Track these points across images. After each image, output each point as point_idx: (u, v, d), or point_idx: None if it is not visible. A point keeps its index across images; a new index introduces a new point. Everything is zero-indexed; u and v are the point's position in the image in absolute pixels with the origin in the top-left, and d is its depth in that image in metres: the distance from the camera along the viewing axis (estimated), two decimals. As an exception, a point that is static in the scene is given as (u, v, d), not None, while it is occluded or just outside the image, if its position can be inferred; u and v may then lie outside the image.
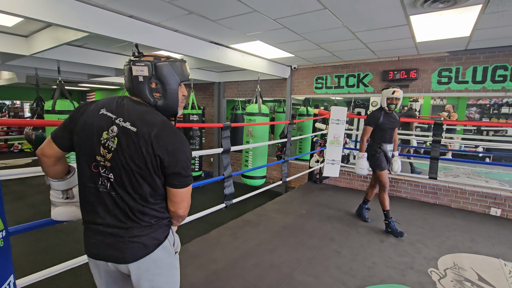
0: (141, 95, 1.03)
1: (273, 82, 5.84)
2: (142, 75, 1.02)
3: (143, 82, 1.02)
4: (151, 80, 1.02)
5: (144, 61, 1.02)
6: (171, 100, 1.07)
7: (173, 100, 1.07)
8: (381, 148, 3.02)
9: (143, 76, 1.02)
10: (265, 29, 3.04)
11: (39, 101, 5.24)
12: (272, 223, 3.23)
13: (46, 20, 2.15)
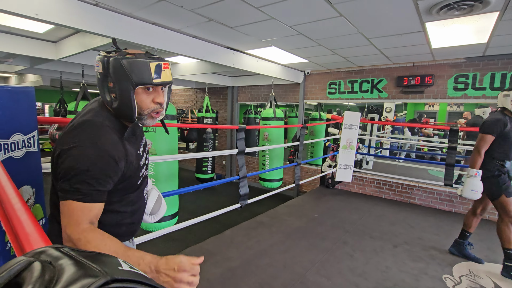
0: (100, 94, 0.90)
1: (286, 87, 5.92)
2: (98, 71, 0.88)
3: (100, 80, 0.88)
4: (107, 78, 0.86)
5: (101, 56, 0.87)
6: (124, 104, 0.86)
7: (125, 104, 0.86)
8: (505, 166, 2.31)
9: (99, 72, 0.88)
10: (281, 36, 3.12)
11: (62, 103, 5.49)
12: (285, 225, 3.27)
13: (78, 27, 2.31)
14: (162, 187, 2.70)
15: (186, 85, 7.25)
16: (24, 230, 0.41)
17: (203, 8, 2.41)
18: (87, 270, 0.27)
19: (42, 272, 0.27)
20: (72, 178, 0.77)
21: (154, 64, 0.88)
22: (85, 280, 0.26)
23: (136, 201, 1.01)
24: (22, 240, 0.40)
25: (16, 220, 0.43)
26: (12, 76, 6.80)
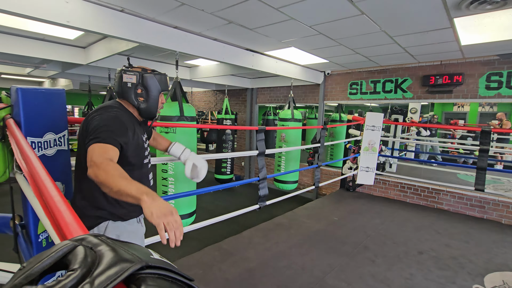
0: (128, 98, 1.25)
1: (306, 88, 5.86)
2: (130, 82, 1.24)
3: (131, 88, 1.24)
4: (138, 87, 1.24)
5: (134, 71, 1.24)
6: (152, 104, 1.27)
7: (153, 104, 1.28)
8: None
9: (132, 83, 1.24)
10: (300, 36, 3.10)
11: (90, 105, 5.78)
12: (304, 227, 3.23)
13: (106, 33, 2.43)
14: (180, 187, 2.76)
15: (206, 87, 7.38)
16: (64, 219, 0.46)
17: (223, 11, 2.45)
18: (123, 255, 0.30)
19: (85, 255, 0.30)
20: (95, 131, 1.06)
21: (167, 77, 1.34)
22: (123, 264, 0.29)
23: (140, 179, 1.26)
24: (63, 228, 0.44)
25: (56, 210, 0.48)
26: (45, 80, 7.25)
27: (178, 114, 2.80)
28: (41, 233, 1.17)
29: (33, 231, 1.15)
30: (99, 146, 1.01)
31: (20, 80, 7.30)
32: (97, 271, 0.28)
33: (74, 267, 0.29)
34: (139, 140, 1.24)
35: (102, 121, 1.09)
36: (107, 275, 0.28)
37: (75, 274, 0.28)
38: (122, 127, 1.13)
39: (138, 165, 1.25)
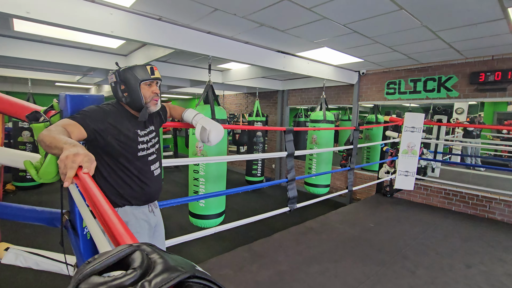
0: (117, 96, 1.34)
1: (339, 89, 5.68)
2: (112, 81, 1.33)
3: (114, 87, 1.33)
4: (120, 83, 1.32)
5: (114, 71, 1.34)
6: (135, 96, 1.32)
7: (136, 95, 1.32)
8: None
9: (114, 81, 1.33)
10: (333, 35, 3.02)
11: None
12: (336, 233, 3.12)
13: (145, 40, 2.57)
14: (210, 187, 2.81)
15: (237, 90, 7.50)
16: (116, 229, 0.52)
17: (255, 14, 2.47)
18: (173, 264, 0.34)
19: (143, 259, 0.35)
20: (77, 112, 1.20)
21: (149, 67, 1.34)
22: (174, 271, 0.33)
23: (141, 168, 1.36)
24: (116, 236, 0.51)
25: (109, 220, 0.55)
26: (92, 87, 7.90)
27: (209, 117, 2.87)
28: (85, 227, 1.27)
29: (79, 225, 1.25)
30: (65, 119, 1.14)
31: (70, 87, 8.04)
32: (152, 274, 0.32)
33: (134, 267, 0.33)
34: (129, 133, 1.32)
35: (86, 108, 1.24)
36: (161, 278, 0.31)
37: (135, 272, 0.32)
38: (100, 115, 1.23)
39: (131, 157, 1.33)
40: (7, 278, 2.63)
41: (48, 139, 0.91)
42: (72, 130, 1.09)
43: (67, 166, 0.74)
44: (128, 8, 2.38)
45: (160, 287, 0.30)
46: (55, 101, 1.38)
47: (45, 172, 1.17)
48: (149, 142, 1.42)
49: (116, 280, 0.31)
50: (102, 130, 1.21)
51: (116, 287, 0.30)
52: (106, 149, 1.26)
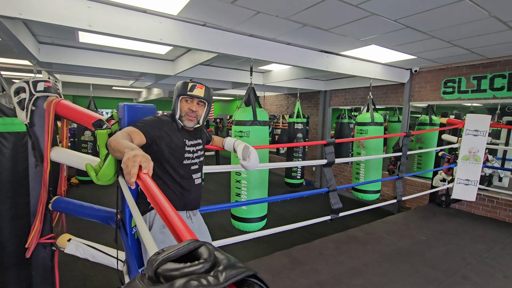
0: None
1: (387, 88, 5.30)
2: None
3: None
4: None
5: None
6: (173, 107, 1.47)
7: (174, 107, 1.46)
8: None
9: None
10: (382, 32, 2.81)
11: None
12: (383, 244, 2.90)
13: (190, 46, 2.68)
14: (252, 193, 2.82)
15: (278, 91, 7.46)
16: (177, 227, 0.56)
17: (297, 14, 2.41)
18: (237, 262, 0.37)
19: (210, 253, 0.37)
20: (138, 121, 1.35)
21: (191, 84, 1.43)
22: (241, 269, 0.35)
23: (184, 175, 1.46)
24: (179, 233, 0.54)
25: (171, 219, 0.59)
26: (143, 90, 8.54)
27: (251, 118, 2.88)
28: (133, 227, 1.35)
29: (128, 224, 1.33)
30: (129, 127, 1.29)
31: (125, 91, 8.78)
32: (221, 267, 0.35)
33: (204, 258, 0.36)
34: (179, 141, 1.44)
35: (146, 118, 1.39)
36: (230, 272, 0.34)
37: (207, 263, 0.35)
38: (157, 124, 1.37)
39: (176, 163, 1.44)
40: (71, 262, 2.95)
41: (113, 144, 1.04)
42: (135, 136, 1.23)
43: (129, 166, 0.83)
44: (175, 16, 2.49)
45: (231, 279, 0.33)
46: (115, 111, 1.49)
47: (103, 174, 1.26)
48: (195, 153, 1.53)
49: (191, 267, 0.34)
50: (158, 137, 1.35)
51: (191, 273, 0.33)
52: (157, 155, 1.37)
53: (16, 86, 1.38)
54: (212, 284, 0.32)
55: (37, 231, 1.45)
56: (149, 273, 0.36)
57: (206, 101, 1.48)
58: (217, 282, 0.32)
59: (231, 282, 0.33)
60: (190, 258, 0.37)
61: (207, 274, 0.33)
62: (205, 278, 0.32)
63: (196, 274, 0.33)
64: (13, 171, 1.63)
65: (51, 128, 1.41)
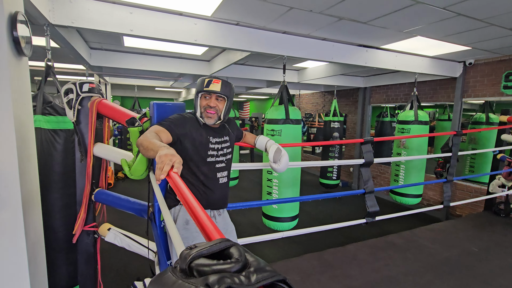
0: None
1: (435, 84, 4.85)
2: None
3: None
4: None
5: None
6: (194, 104, 1.47)
7: (194, 106, 1.47)
8: None
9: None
10: (429, 22, 2.56)
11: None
12: (425, 253, 2.66)
13: (225, 46, 2.72)
14: (284, 191, 2.77)
15: (314, 89, 7.26)
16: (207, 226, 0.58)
17: (332, 8, 2.30)
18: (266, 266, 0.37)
19: (241, 253, 0.38)
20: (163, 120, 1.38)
21: (207, 80, 1.42)
22: (271, 272, 0.35)
23: (207, 174, 1.45)
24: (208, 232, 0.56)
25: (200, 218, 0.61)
26: (182, 90, 8.94)
27: (284, 117, 2.84)
28: (162, 220, 1.41)
29: (157, 217, 1.40)
30: (155, 126, 1.32)
31: (166, 91, 9.28)
32: (252, 268, 0.35)
33: (236, 258, 0.37)
34: (202, 138, 1.43)
35: (172, 116, 1.40)
36: (262, 274, 0.34)
37: (239, 263, 0.36)
38: (182, 122, 1.39)
39: (199, 160, 1.43)
40: (113, 250, 3.21)
41: (145, 143, 1.09)
42: (162, 135, 1.27)
43: (164, 162, 0.87)
44: (209, 17, 2.55)
45: (262, 281, 0.33)
46: (147, 110, 1.57)
47: (135, 170, 1.34)
48: (220, 151, 1.50)
49: (224, 265, 0.35)
50: (182, 134, 1.36)
51: (224, 270, 0.34)
52: (181, 152, 1.37)
53: (66, 88, 1.53)
54: (244, 283, 0.33)
55: (82, 220, 1.59)
56: (183, 266, 0.37)
57: (225, 96, 1.42)
58: (248, 282, 0.33)
59: (262, 285, 0.33)
60: (220, 257, 0.38)
61: (238, 274, 0.34)
62: (237, 277, 0.33)
63: (228, 273, 0.34)
64: (64, 164, 1.81)
65: (94, 125, 1.53)
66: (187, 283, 0.34)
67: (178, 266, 0.38)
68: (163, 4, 2.27)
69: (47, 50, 1.94)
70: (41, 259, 1.51)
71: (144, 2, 2.21)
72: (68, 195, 1.75)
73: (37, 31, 2.25)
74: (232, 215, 4.84)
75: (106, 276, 2.79)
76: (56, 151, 1.81)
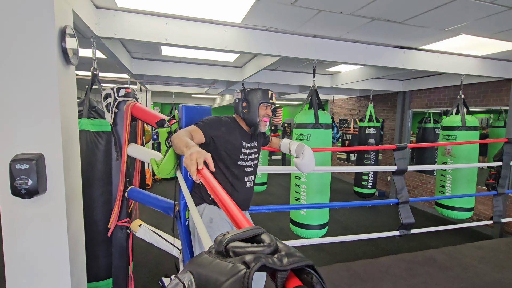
0: (237, 111, 1.59)
1: (486, 86, 4.41)
2: (238, 97, 1.59)
3: (238, 102, 1.58)
4: (242, 101, 1.56)
5: (240, 89, 1.59)
6: (252, 114, 1.54)
7: (253, 114, 1.54)
8: None
9: (238, 98, 1.59)
10: (475, 18, 2.35)
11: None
12: (472, 272, 2.39)
13: (255, 51, 2.77)
14: (312, 197, 2.70)
15: (349, 93, 7.03)
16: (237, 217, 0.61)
17: (363, 9, 2.23)
18: (296, 252, 0.38)
19: (272, 239, 0.40)
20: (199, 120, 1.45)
21: (270, 92, 1.58)
22: (301, 257, 0.37)
23: (237, 175, 1.53)
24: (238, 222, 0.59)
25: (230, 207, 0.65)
26: (217, 97, 9.23)
27: (313, 121, 2.79)
28: (187, 218, 1.46)
29: (183, 216, 1.45)
30: (192, 126, 1.40)
31: (202, 98, 9.66)
32: (283, 252, 0.38)
33: (268, 242, 0.39)
34: (235, 143, 1.51)
35: (208, 118, 1.48)
36: (292, 258, 0.36)
37: (270, 247, 0.38)
38: (217, 124, 1.47)
39: (230, 163, 1.51)
40: (148, 247, 3.39)
41: (177, 140, 1.16)
42: (195, 135, 1.35)
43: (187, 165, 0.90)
44: (239, 24, 2.62)
45: (293, 264, 0.35)
46: (176, 112, 1.66)
47: (163, 168, 1.41)
48: (250, 156, 1.59)
49: (258, 247, 0.37)
50: (216, 136, 1.44)
51: (258, 252, 0.36)
52: (213, 153, 1.46)
53: (105, 93, 1.68)
54: (277, 264, 0.35)
55: (116, 215, 1.71)
56: (219, 248, 0.40)
57: None
58: (281, 264, 0.35)
59: (292, 268, 0.36)
60: (254, 243, 0.41)
61: (272, 256, 0.36)
62: (271, 258, 0.35)
63: (263, 254, 0.36)
64: (105, 164, 1.97)
65: (128, 127, 1.65)
66: (225, 261, 0.36)
67: (214, 250, 0.41)
68: (195, 14, 2.39)
69: (93, 60, 2.15)
70: (81, 248, 1.65)
71: (178, 12, 2.35)
72: (109, 192, 1.90)
73: (86, 43, 2.51)
74: (261, 219, 4.86)
75: (139, 271, 2.95)
76: (99, 151, 1.98)
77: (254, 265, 0.33)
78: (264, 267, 0.34)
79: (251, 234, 0.42)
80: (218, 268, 0.36)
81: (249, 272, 0.33)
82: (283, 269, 0.35)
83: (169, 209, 1.54)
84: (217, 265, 0.36)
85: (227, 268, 0.35)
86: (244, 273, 0.33)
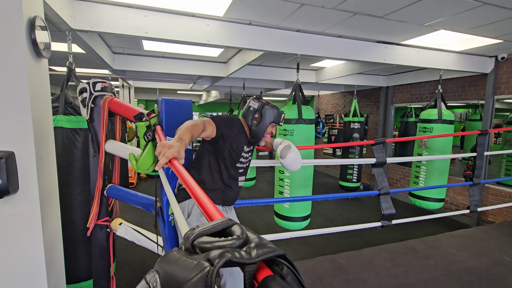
0: (246, 118, 1.61)
1: (464, 81, 4.56)
2: (253, 107, 1.60)
3: (251, 112, 1.60)
4: (256, 112, 1.58)
5: (259, 100, 1.61)
6: (260, 129, 1.58)
7: (261, 129, 1.58)
8: None
9: (253, 107, 1.60)
10: (453, 13, 2.41)
11: (231, 112, 6.77)
12: (449, 260, 2.49)
13: (236, 46, 2.74)
14: (295, 191, 2.72)
15: (335, 89, 7.11)
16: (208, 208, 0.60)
17: (345, 3, 2.24)
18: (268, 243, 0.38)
19: (242, 231, 0.39)
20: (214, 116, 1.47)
21: (284, 115, 1.62)
22: (271, 248, 0.37)
23: (233, 175, 1.56)
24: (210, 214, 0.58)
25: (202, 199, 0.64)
26: (203, 93, 9.11)
27: (296, 116, 2.80)
28: (170, 214, 1.43)
29: (165, 212, 1.42)
30: (207, 118, 1.42)
31: (188, 94, 9.52)
32: (253, 244, 0.37)
33: (238, 234, 0.38)
34: (239, 146, 1.53)
35: (223, 115, 1.52)
36: (262, 249, 0.36)
37: (240, 240, 0.37)
38: (230, 123, 1.49)
39: (230, 163, 1.52)
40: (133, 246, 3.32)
41: (184, 126, 1.18)
42: (208, 126, 1.37)
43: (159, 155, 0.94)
44: (221, 18, 2.58)
45: (261, 256, 0.35)
46: (156, 106, 1.61)
47: (142, 164, 1.37)
48: (246, 159, 1.64)
49: (226, 241, 0.36)
50: (226, 135, 1.47)
51: (226, 246, 0.36)
52: (218, 150, 1.49)
53: (80, 87, 1.61)
54: (244, 258, 0.34)
55: (95, 214, 1.66)
56: (186, 245, 0.39)
57: None
58: (249, 257, 0.34)
59: (262, 259, 0.35)
60: (223, 236, 0.40)
61: (240, 249, 0.36)
62: (238, 252, 0.35)
63: (229, 248, 0.35)
64: (83, 162, 1.91)
65: (105, 122, 1.60)
66: (190, 259, 0.36)
67: (183, 246, 0.40)
68: (176, 6, 2.33)
69: (69, 54, 2.06)
70: (58, 249, 1.59)
71: (158, 5, 2.29)
72: (87, 190, 1.83)
73: (62, 37, 2.41)
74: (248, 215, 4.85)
75: (124, 271, 2.89)
76: (76, 148, 1.91)
77: (218, 262, 0.33)
78: (230, 262, 0.34)
79: (221, 227, 0.41)
80: (182, 266, 0.35)
81: (212, 270, 0.32)
82: (251, 262, 0.34)
83: (150, 206, 1.50)
84: (183, 263, 0.36)
85: (191, 266, 0.34)
86: (207, 271, 0.32)
